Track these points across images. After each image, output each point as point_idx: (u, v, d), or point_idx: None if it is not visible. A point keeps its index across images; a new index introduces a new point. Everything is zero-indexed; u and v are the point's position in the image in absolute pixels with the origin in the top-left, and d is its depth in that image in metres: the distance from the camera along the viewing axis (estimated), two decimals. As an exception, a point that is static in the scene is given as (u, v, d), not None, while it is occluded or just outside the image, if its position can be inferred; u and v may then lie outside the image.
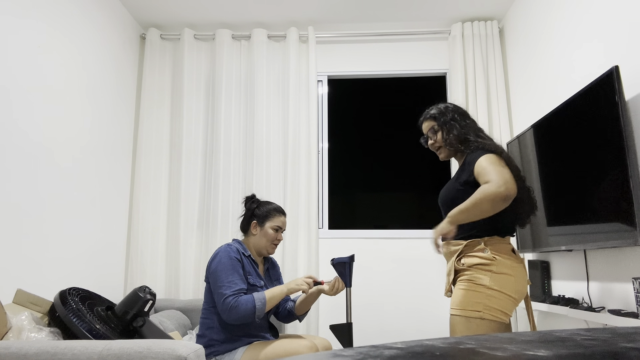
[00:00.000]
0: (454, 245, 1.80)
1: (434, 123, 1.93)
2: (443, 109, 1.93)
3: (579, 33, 2.41)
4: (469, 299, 1.66)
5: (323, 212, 3.47)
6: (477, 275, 1.67)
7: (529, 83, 3.02)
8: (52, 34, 2.50)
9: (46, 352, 1.35)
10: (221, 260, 1.97)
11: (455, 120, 1.89)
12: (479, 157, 1.74)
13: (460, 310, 1.68)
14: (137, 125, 3.46)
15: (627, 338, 0.44)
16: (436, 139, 1.93)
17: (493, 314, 1.63)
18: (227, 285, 1.91)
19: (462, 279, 1.72)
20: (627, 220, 1.80)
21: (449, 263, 1.82)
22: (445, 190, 1.90)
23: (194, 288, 3.21)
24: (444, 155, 1.95)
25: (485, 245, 1.72)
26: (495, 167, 1.67)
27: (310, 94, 3.40)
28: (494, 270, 1.66)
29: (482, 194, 1.62)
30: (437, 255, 3.28)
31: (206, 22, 3.52)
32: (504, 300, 1.64)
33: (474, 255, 1.72)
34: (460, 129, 1.86)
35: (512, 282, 1.66)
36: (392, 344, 0.44)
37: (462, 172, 1.83)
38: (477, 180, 1.73)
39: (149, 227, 3.27)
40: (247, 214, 2.18)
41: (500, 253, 1.70)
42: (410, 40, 3.61)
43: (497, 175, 1.63)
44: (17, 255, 2.19)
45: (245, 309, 1.88)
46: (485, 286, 1.64)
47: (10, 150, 2.17)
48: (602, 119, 1.97)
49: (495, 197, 1.59)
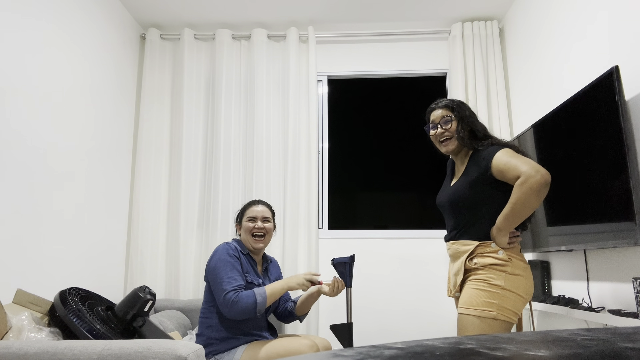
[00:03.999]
0: (463, 245, 1.76)
1: (450, 113, 1.86)
2: (460, 103, 1.89)
3: (579, 33, 2.41)
4: (482, 298, 1.63)
5: (323, 212, 3.47)
6: (491, 275, 1.64)
7: (529, 83, 3.02)
8: (52, 34, 2.50)
9: (46, 352, 1.35)
10: (220, 258, 1.99)
11: (472, 116, 1.87)
12: (496, 153, 1.69)
13: (472, 310, 1.64)
14: (137, 125, 3.46)
15: (627, 338, 0.44)
16: (449, 129, 1.84)
17: (506, 315, 1.61)
18: (227, 281, 1.93)
19: (475, 279, 1.68)
20: (627, 220, 1.80)
21: (458, 263, 1.77)
22: (452, 190, 1.82)
23: (194, 288, 3.21)
24: (450, 148, 1.86)
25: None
26: (519, 158, 1.63)
27: (310, 94, 3.40)
28: (508, 271, 1.64)
29: (524, 190, 1.56)
30: (436, 256, 3.28)
31: (206, 22, 3.52)
32: (516, 300, 1.62)
33: (488, 255, 1.68)
34: (474, 125, 1.84)
35: (524, 282, 1.64)
36: (392, 344, 0.44)
37: (471, 169, 1.77)
38: (495, 176, 1.69)
39: (149, 227, 3.27)
40: (235, 222, 2.28)
41: (514, 254, 1.68)
42: (410, 40, 3.61)
43: (527, 165, 1.58)
44: (17, 255, 2.19)
45: (246, 303, 1.89)
46: (499, 287, 1.62)
47: (10, 150, 2.17)
48: (602, 119, 1.97)
49: (538, 187, 1.55)
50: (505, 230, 1.65)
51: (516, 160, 1.62)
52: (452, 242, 1.81)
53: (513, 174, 1.61)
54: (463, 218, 1.78)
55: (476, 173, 1.74)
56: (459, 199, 1.78)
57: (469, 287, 1.70)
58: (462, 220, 1.78)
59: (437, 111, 1.90)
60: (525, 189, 1.56)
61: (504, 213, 1.64)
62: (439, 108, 1.89)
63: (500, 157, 1.67)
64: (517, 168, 1.60)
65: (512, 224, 1.63)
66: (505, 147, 1.72)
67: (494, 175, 1.69)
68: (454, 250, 1.80)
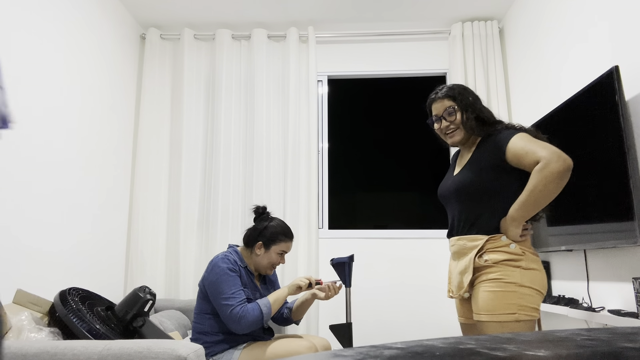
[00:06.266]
0: (471, 240, 1.60)
1: (453, 103, 1.70)
2: (461, 89, 1.72)
3: (579, 33, 2.41)
4: (500, 301, 1.49)
5: (323, 212, 3.47)
6: (505, 272, 1.51)
7: (529, 83, 3.02)
8: (52, 34, 2.50)
9: (46, 352, 1.35)
10: (221, 272, 1.94)
11: (476, 101, 1.71)
12: (511, 137, 1.56)
13: (491, 315, 1.50)
14: (137, 125, 3.46)
15: (627, 338, 0.44)
16: (454, 120, 1.70)
17: (527, 313, 1.49)
18: (231, 296, 1.90)
19: (488, 279, 1.54)
20: (627, 220, 1.80)
21: (464, 260, 1.62)
22: (458, 179, 1.67)
23: (194, 288, 3.21)
24: (457, 139, 1.71)
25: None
26: (537, 142, 1.49)
27: (310, 94, 3.40)
28: (522, 265, 1.51)
29: (544, 176, 1.43)
30: (436, 256, 3.28)
31: (206, 22, 3.52)
32: (535, 296, 1.50)
33: (500, 250, 1.54)
34: (481, 111, 1.70)
35: (540, 276, 1.52)
36: (392, 344, 0.44)
37: (481, 156, 1.63)
38: (510, 163, 1.55)
39: (149, 226, 3.27)
40: (254, 232, 2.11)
41: (526, 247, 1.55)
42: (410, 40, 3.61)
43: (547, 150, 1.45)
44: (17, 255, 2.19)
45: (253, 316, 1.88)
46: (516, 284, 1.49)
47: (9, 150, 2.17)
48: (602, 119, 1.97)
49: (560, 173, 1.42)
50: (519, 221, 1.52)
51: (534, 145, 1.49)
52: (457, 237, 1.66)
53: (531, 160, 1.48)
54: (470, 209, 1.62)
55: (488, 159, 1.60)
56: (466, 188, 1.62)
57: (482, 289, 1.55)
58: (468, 212, 1.63)
59: (438, 103, 1.74)
60: (545, 174, 1.43)
61: (520, 201, 1.50)
62: (439, 99, 1.74)
63: (517, 142, 1.54)
64: (535, 153, 1.47)
65: (527, 213, 1.50)
66: (520, 131, 1.59)
67: (509, 161, 1.56)
68: (459, 246, 1.65)
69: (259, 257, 2.09)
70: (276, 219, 2.15)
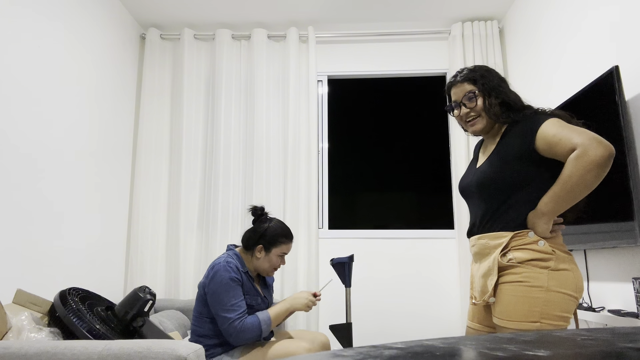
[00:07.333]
0: (494, 238, 1.43)
1: (473, 87, 1.53)
2: (484, 71, 1.54)
3: (579, 33, 2.41)
4: (522, 307, 1.34)
5: (323, 212, 3.47)
6: (531, 274, 1.34)
7: (529, 83, 3.02)
8: (52, 34, 2.50)
9: (46, 352, 1.35)
10: (222, 281, 1.90)
11: (501, 84, 1.53)
12: (541, 124, 1.38)
13: (511, 323, 1.35)
14: (137, 125, 3.46)
15: (627, 338, 0.44)
16: (475, 108, 1.53)
17: (552, 322, 1.32)
18: (230, 308, 1.89)
19: (511, 281, 1.37)
20: (627, 220, 1.80)
21: (488, 261, 1.44)
22: (482, 170, 1.50)
23: (194, 288, 3.21)
24: (479, 128, 1.54)
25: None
26: (572, 128, 1.32)
27: (310, 94, 3.40)
28: (551, 266, 1.33)
29: (581, 164, 1.26)
30: (436, 256, 3.28)
31: (206, 22, 3.52)
32: (564, 301, 1.32)
33: (526, 248, 1.37)
34: (507, 95, 1.51)
35: (572, 278, 1.34)
36: (392, 344, 0.44)
37: (507, 145, 1.45)
38: (540, 152, 1.38)
39: (149, 227, 3.27)
40: (254, 235, 2.07)
41: (557, 245, 1.38)
42: (410, 40, 3.61)
43: (583, 135, 1.28)
44: (17, 255, 2.19)
45: (251, 331, 1.88)
46: (542, 288, 1.32)
47: (9, 150, 2.17)
48: (602, 119, 1.97)
49: (600, 161, 1.24)
50: (549, 216, 1.35)
51: (569, 131, 1.31)
52: (478, 236, 1.50)
53: (565, 147, 1.31)
54: (495, 204, 1.45)
55: (515, 148, 1.42)
56: (490, 181, 1.46)
57: (505, 292, 1.38)
58: (493, 207, 1.46)
59: (457, 87, 1.56)
60: (582, 163, 1.26)
61: (551, 193, 1.33)
62: (459, 83, 1.56)
63: (549, 128, 1.36)
64: (570, 139, 1.29)
65: (560, 207, 1.33)
66: (552, 116, 1.41)
67: (539, 150, 1.38)
68: (480, 246, 1.49)
69: (259, 260, 2.06)
70: (275, 220, 2.11)
